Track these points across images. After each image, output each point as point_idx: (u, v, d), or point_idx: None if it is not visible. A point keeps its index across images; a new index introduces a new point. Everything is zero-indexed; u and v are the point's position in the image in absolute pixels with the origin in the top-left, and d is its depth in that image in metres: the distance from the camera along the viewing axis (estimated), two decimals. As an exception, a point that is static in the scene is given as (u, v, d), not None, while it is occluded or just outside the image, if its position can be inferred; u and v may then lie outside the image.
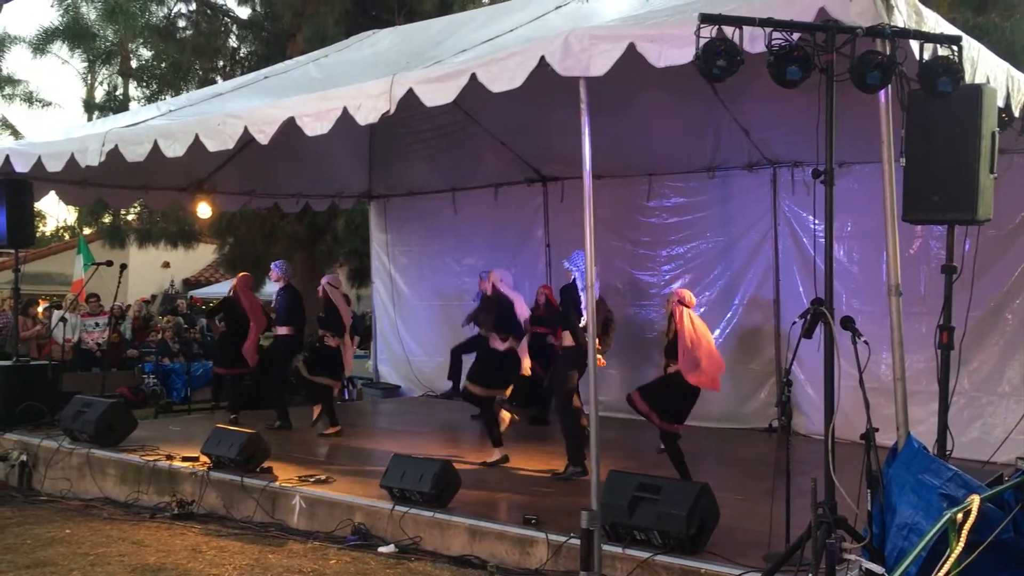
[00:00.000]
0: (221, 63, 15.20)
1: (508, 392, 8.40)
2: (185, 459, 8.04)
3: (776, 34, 4.61)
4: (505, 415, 8.36)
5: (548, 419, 10.10)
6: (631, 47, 5.22)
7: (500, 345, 8.17)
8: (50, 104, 34.37)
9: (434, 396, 12.73)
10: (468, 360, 11.59)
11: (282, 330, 10.35)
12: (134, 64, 17.26)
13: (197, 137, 7.44)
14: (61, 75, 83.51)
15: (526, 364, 8.25)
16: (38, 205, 12.14)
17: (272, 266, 10.56)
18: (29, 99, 33.14)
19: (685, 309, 7.08)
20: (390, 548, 6.33)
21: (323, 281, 10.06)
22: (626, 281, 10.93)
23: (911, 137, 4.94)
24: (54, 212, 40.30)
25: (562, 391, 7.80)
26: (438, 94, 6.10)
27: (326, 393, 9.95)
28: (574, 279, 7.64)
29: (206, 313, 12.68)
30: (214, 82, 13.55)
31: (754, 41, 4.70)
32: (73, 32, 23.93)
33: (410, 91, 6.18)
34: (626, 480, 5.84)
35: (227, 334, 10.83)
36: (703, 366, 6.95)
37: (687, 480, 6.78)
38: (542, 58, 5.52)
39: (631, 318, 10.73)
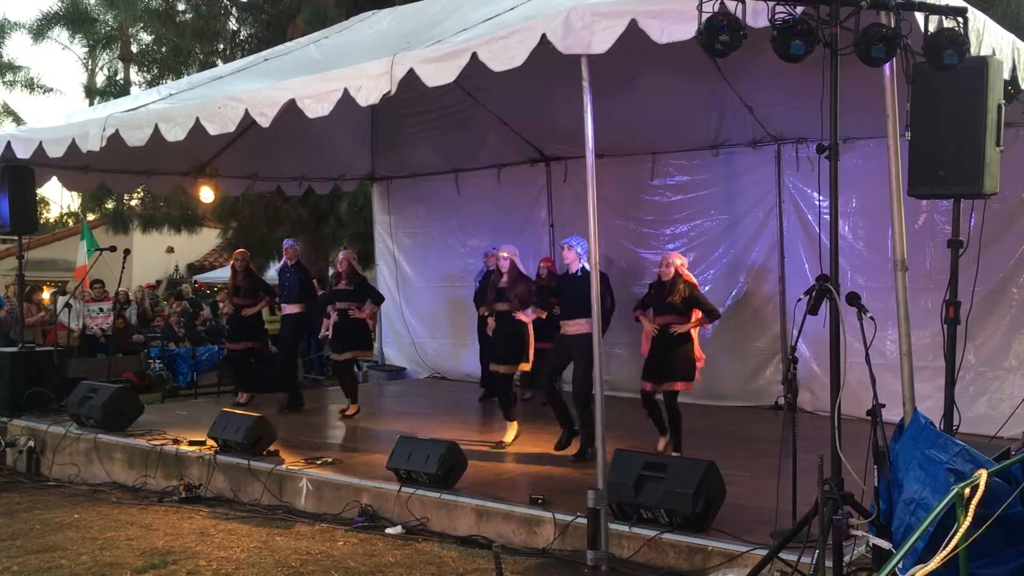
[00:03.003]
0: (221, 46, 15.14)
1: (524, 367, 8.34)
2: (192, 443, 8.07)
3: (779, 8, 4.57)
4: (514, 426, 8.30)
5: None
6: (633, 23, 5.17)
7: (527, 317, 8.04)
8: (51, 90, 34.57)
9: (439, 378, 12.76)
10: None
11: (294, 308, 10.32)
12: (134, 49, 17.24)
13: (198, 120, 7.41)
14: (62, 61, 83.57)
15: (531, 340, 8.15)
16: (41, 191, 12.14)
17: (288, 244, 10.54)
18: (30, 85, 33.26)
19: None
20: (397, 529, 6.36)
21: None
22: (630, 260, 10.90)
23: (916, 111, 4.90)
24: (57, 198, 40.40)
25: (588, 379, 7.37)
26: (439, 74, 6.06)
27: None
28: (577, 271, 7.55)
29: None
30: (214, 65, 13.49)
31: (757, 15, 4.66)
32: (73, 17, 23.95)
33: (411, 71, 6.13)
34: (632, 459, 5.85)
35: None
36: None
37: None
38: (543, 36, 5.48)
39: (635, 297, 10.66)
